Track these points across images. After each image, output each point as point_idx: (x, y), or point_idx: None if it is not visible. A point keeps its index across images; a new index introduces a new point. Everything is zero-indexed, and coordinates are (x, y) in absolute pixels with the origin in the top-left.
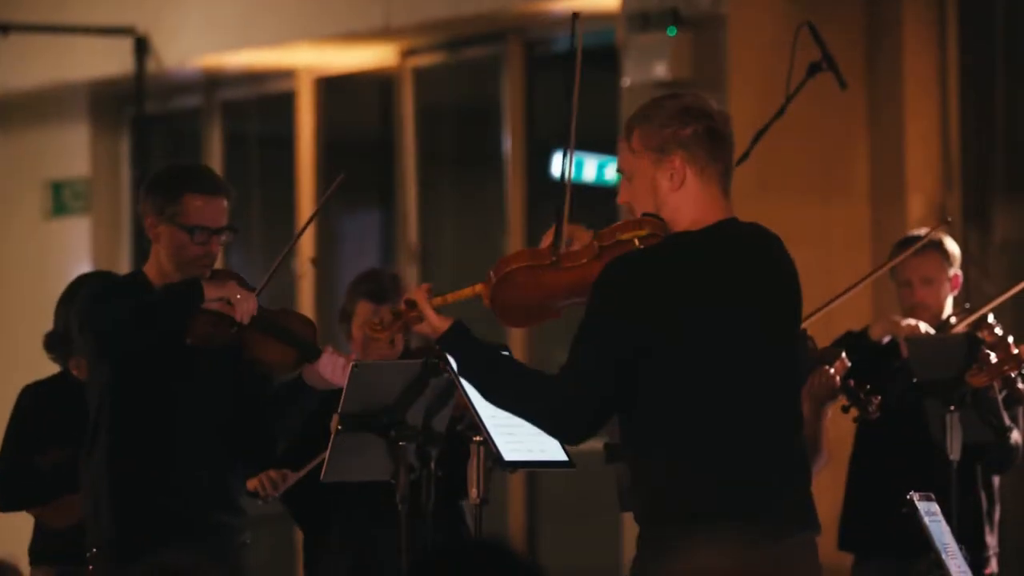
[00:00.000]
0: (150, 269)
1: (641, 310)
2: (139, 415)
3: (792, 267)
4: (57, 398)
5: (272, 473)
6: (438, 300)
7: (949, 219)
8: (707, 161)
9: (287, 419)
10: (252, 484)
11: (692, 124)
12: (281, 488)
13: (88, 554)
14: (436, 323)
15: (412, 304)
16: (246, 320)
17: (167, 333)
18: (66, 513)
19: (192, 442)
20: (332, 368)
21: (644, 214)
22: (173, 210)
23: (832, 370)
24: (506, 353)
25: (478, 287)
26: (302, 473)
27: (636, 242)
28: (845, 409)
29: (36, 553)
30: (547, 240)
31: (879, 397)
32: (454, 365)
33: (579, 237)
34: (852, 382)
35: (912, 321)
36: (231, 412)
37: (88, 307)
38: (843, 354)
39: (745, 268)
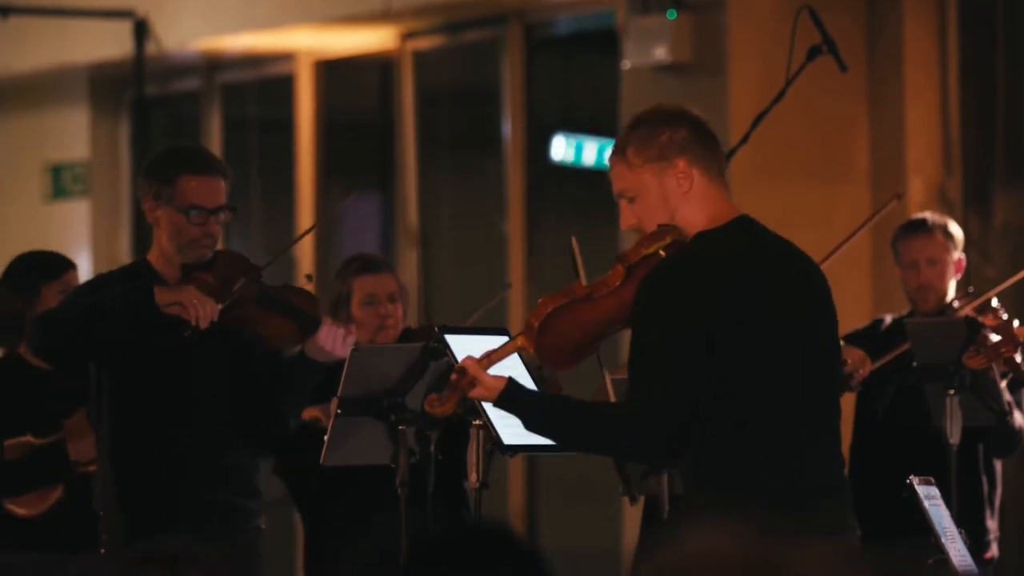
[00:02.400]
0: (153, 255)
1: (700, 308)
2: (141, 402)
3: (810, 262)
4: (8, 382)
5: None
6: (484, 361)
7: (901, 193)
8: (707, 159)
9: (294, 395)
10: (310, 413)
11: (683, 126)
12: None
13: (101, 538)
14: (492, 384)
15: (463, 371)
16: (203, 324)
17: (123, 341)
18: (34, 502)
19: (200, 425)
20: (332, 339)
21: (659, 225)
22: (170, 192)
23: None
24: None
25: (520, 340)
26: None
27: (661, 252)
28: None
29: (4, 539)
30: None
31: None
32: (521, 422)
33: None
34: None
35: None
36: (238, 392)
37: (36, 326)
38: None
39: (781, 261)
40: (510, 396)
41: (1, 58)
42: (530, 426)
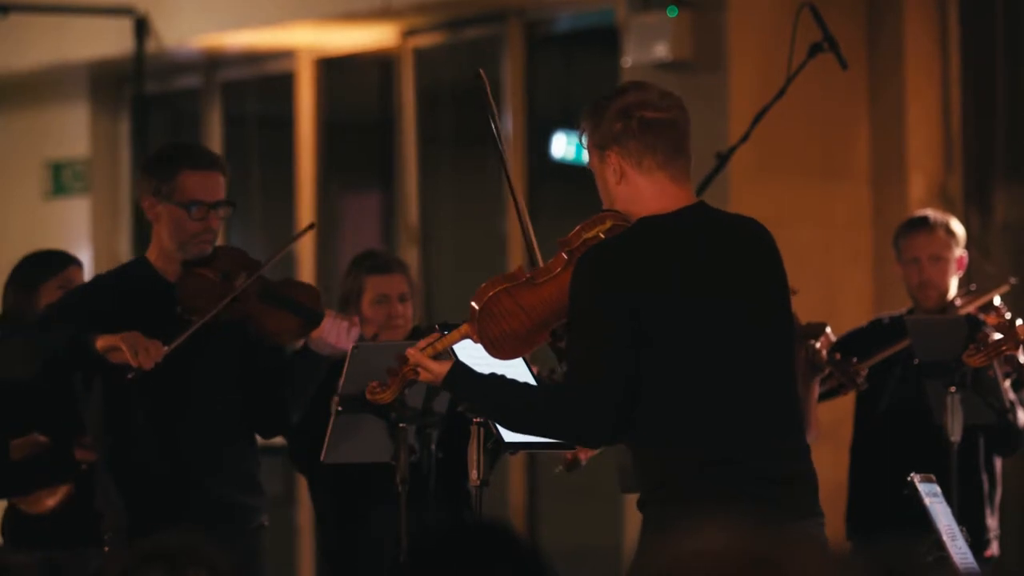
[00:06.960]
0: (152, 252)
1: (623, 281)
2: (138, 399)
3: (771, 248)
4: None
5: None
6: (427, 350)
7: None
8: (642, 153)
9: (297, 389)
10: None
11: (623, 120)
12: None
13: (105, 536)
14: (437, 368)
15: (405, 359)
16: (147, 366)
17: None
18: (43, 500)
19: (202, 422)
20: (336, 332)
21: (603, 209)
22: (170, 188)
23: (818, 344)
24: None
25: (464, 327)
26: None
27: (601, 236)
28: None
29: (13, 537)
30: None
31: (866, 368)
32: (469, 406)
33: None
34: (838, 355)
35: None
36: (242, 388)
37: None
38: (827, 328)
39: (718, 247)
40: (454, 378)
41: (1, 55)
42: (476, 410)
